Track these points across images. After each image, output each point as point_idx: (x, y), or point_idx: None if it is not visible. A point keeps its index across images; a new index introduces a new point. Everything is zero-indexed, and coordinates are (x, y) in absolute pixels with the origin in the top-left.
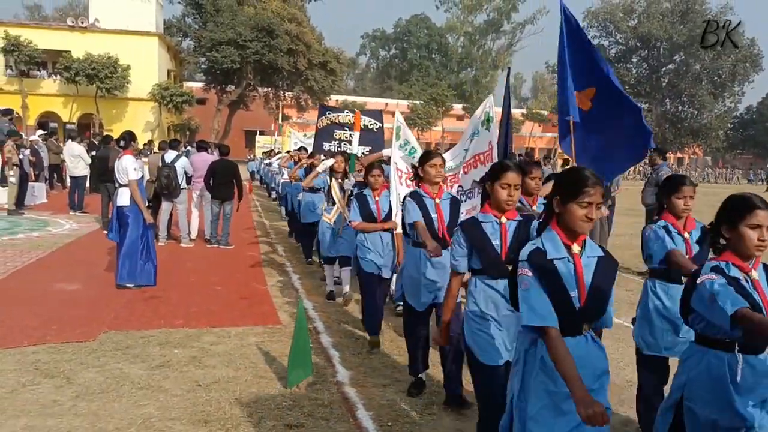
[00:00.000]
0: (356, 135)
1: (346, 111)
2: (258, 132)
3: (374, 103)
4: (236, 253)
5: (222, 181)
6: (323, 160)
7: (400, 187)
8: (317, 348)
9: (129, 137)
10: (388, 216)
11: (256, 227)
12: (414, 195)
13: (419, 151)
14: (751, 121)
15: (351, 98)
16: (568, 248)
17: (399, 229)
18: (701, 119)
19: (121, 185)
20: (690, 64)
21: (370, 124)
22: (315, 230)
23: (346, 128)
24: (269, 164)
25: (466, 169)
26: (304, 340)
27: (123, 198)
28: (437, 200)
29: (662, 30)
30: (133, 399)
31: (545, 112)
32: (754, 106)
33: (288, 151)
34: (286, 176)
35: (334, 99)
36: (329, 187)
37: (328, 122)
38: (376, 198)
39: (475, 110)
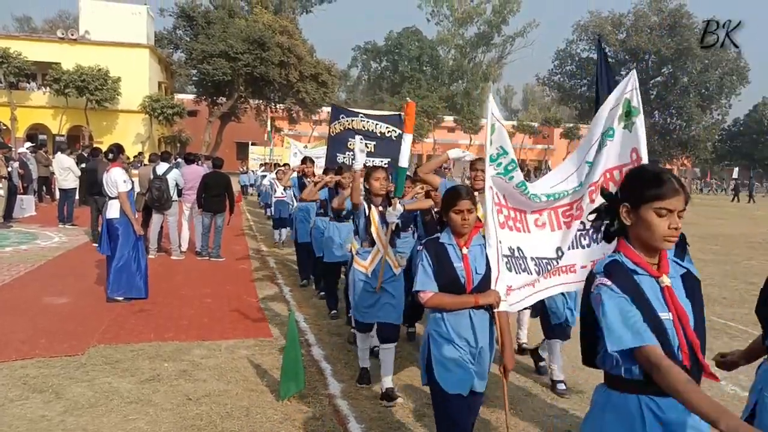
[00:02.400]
0: (408, 138)
1: (361, 115)
2: (250, 143)
3: None
4: (227, 266)
5: (214, 194)
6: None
7: (500, 232)
8: (308, 361)
9: (117, 150)
10: (485, 282)
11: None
12: (615, 271)
13: (519, 173)
14: (738, 133)
15: None
16: None
17: (504, 305)
18: (689, 131)
19: (110, 198)
20: (678, 77)
21: (388, 132)
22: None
23: (361, 136)
24: (263, 177)
25: (593, 196)
26: (296, 352)
27: (113, 210)
28: (666, 280)
29: (650, 43)
30: (122, 413)
31: (535, 124)
32: (741, 118)
33: (286, 164)
34: (279, 193)
35: (325, 111)
36: (367, 218)
37: (342, 128)
38: (464, 249)
39: (465, 122)
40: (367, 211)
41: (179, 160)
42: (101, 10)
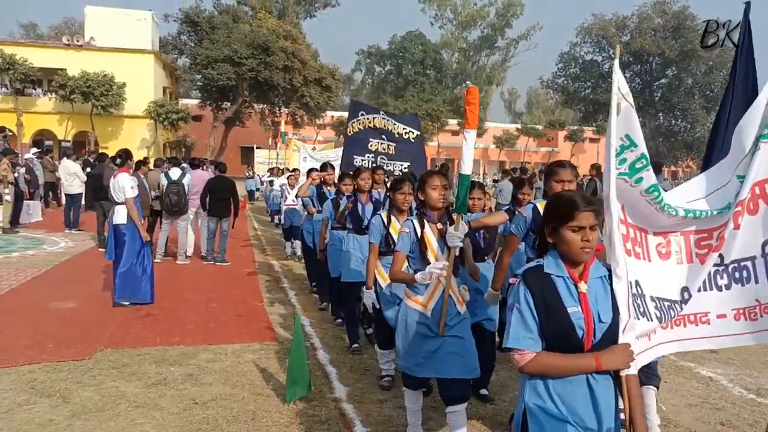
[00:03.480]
0: (471, 137)
1: (382, 112)
2: (255, 146)
3: None
4: (232, 270)
5: (219, 198)
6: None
7: (629, 260)
8: (314, 364)
9: (125, 155)
10: (611, 334)
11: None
12: None
13: (651, 174)
14: None
15: (346, 114)
16: None
17: (630, 368)
18: (694, 133)
19: (117, 203)
20: (682, 79)
21: (406, 133)
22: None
23: (383, 136)
24: (270, 183)
25: (739, 220)
26: (301, 356)
27: (120, 216)
28: None
29: (654, 45)
30: (129, 417)
31: (540, 127)
32: None
33: (295, 169)
34: (290, 200)
35: (329, 115)
36: (420, 238)
37: (361, 127)
38: (581, 285)
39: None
40: (419, 230)
41: (184, 165)
42: (106, 17)
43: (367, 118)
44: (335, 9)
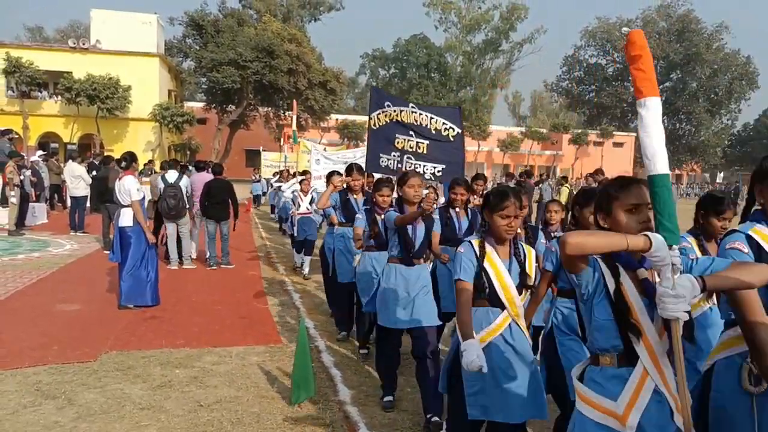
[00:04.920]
0: (654, 106)
1: (411, 104)
2: (261, 149)
3: None
4: (237, 273)
5: (217, 201)
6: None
7: None
8: (319, 367)
9: (130, 158)
10: None
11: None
12: None
13: None
14: (748, 138)
15: (351, 117)
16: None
17: None
18: (699, 136)
19: (123, 206)
20: (687, 82)
21: (446, 129)
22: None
23: (411, 132)
24: (279, 188)
25: None
26: (306, 359)
27: (125, 219)
28: None
29: (659, 49)
30: (134, 420)
31: (544, 130)
32: (751, 123)
33: (305, 172)
34: (303, 208)
35: (334, 118)
36: (615, 301)
37: (388, 120)
38: None
39: (474, 129)
40: (610, 283)
41: (191, 168)
42: (112, 20)
43: (394, 110)
44: (340, 12)
